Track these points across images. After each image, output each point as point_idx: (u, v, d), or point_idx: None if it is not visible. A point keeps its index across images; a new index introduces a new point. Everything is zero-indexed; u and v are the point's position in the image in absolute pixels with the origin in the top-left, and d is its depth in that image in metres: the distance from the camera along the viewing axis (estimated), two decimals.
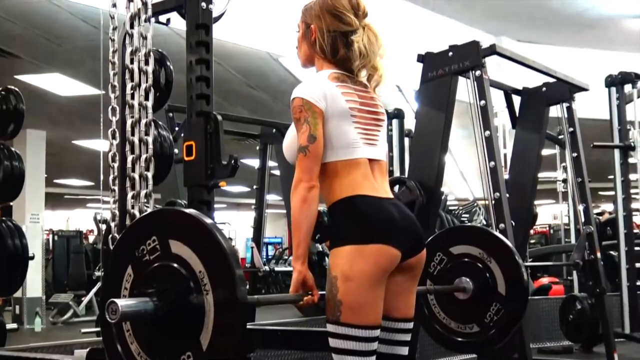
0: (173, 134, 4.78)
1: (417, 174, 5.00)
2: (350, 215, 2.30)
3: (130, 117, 3.41)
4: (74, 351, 3.35)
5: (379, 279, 2.26)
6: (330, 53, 2.46)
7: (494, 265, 3.16)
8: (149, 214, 2.35)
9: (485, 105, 4.78)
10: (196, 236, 2.10)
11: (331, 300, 2.25)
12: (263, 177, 7.55)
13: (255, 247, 7.68)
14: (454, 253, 3.25)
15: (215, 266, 2.06)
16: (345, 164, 2.35)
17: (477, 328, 3.21)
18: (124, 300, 2.10)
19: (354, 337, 2.24)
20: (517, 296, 3.14)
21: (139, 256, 2.19)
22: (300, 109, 2.33)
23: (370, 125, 2.44)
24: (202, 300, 2.06)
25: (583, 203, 5.83)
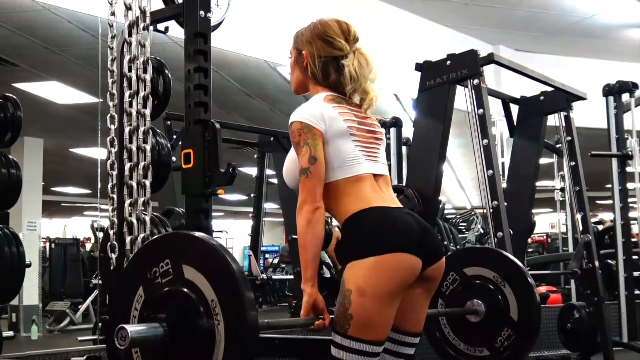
0: (171, 142, 4.80)
1: (415, 183, 5.00)
2: (366, 228, 2.28)
3: (129, 125, 3.41)
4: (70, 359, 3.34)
5: (397, 293, 2.24)
6: (322, 78, 2.49)
7: (507, 290, 3.10)
8: (165, 236, 2.32)
9: (484, 114, 4.79)
10: (211, 264, 2.07)
11: (342, 313, 2.22)
12: (261, 185, 7.57)
13: (252, 256, 7.69)
14: (467, 274, 3.19)
15: (228, 297, 2.02)
16: (351, 181, 2.36)
17: (487, 352, 3.15)
18: (133, 327, 2.07)
19: (359, 351, 2.22)
20: (530, 323, 3.09)
21: (151, 278, 2.16)
22: (300, 132, 2.34)
23: (370, 142, 2.46)
24: (214, 330, 2.03)
25: (581, 212, 5.84)
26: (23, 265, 3.74)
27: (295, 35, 2.59)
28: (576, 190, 5.87)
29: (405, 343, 2.44)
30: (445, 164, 5.15)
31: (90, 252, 15.06)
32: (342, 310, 2.22)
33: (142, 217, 3.36)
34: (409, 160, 6.09)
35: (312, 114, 2.37)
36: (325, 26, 2.50)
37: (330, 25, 2.50)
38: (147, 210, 3.40)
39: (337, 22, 2.51)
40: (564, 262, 8.69)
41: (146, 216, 3.36)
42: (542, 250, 16.45)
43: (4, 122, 3.82)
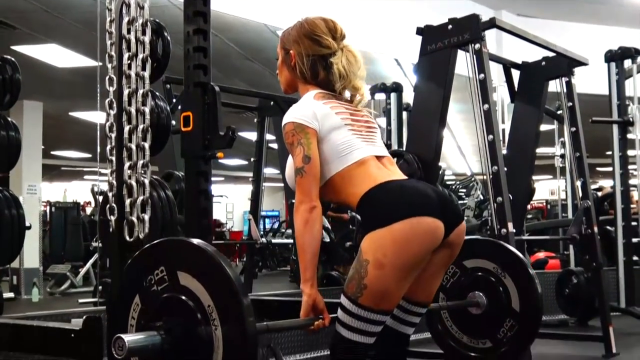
0: (170, 106, 4.78)
1: (415, 148, 4.99)
2: (381, 200, 2.26)
3: (128, 88, 3.39)
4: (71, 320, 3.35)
5: (418, 263, 2.22)
6: (310, 77, 2.49)
7: (508, 281, 3.07)
8: (156, 243, 2.25)
9: (484, 79, 4.76)
10: (205, 269, 2.05)
11: (356, 280, 2.21)
12: (261, 150, 7.55)
13: (252, 220, 7.69)
14: (467, 267, 3.15)
15: (225, 301, 2.00)
16: (355, 166, 2.35)
17: (489, 344, 3.13)
18: (130, 336, 2.06)
19: (366, 318, 2.23)
20: (532, 313, 3.07)
21: (147, 286, 2.14)
22: (293, 132, 2.34)
23: (365, 130, 2.46)
24: (211, 336, 2.01)
25: (581, 178, 5.83)
26: (23, 228, 3.75)
27: (282, 35, 2.58)
28: (576, 156, 5.85)
29: (413, 312, 2.46)
30: (445, 130, 5.14)
31: (90, 215, 15.12)
32: (356, 278, 2.21)
33: (141, 180, 3.35)
34: (409, 125, 6.07)
35: (303, 113, 2.36)
36: (312, 25, 2.49)
37: (316, 23, 2.49)
38: (146, 172, 3.40)
39: (323, 20, 2.51)
40: (563, 227, 8.70)
41: (145, 179, 3.36)
42: (541, 217, 16.49)
43: (2, 84, 3.80)
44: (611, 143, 7.04)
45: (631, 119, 7.02)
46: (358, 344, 2.25)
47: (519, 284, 3.06)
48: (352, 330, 2.25)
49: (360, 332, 2.24)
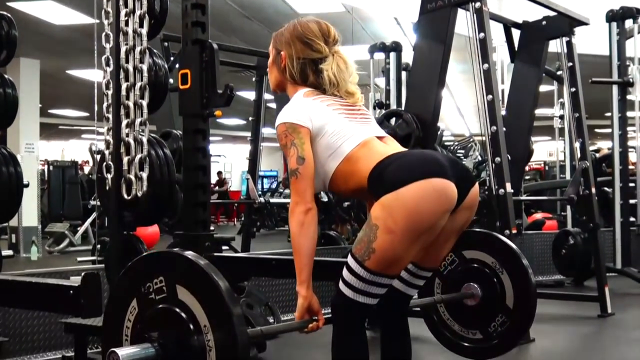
0: (168, 64, 4.75)
1: (414, 107, 4.98)
2: (391, 167, 2.21)
3: (125, 45, 3.37)
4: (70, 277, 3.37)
5: (430, 227, 2.18)
6: (300, 79, 2.46)
7: (505, 277, 3.05)
8: (160, 253, 2.22)
9: (484, 38, 4.73)
10: (203, 288, 2.02)
11: (365, 243, 2.19)
12: (259, 109, 7.53)
13: (250, 180, 7.70)
14: (466, 257, 3.15)
15: (220, 323, 1.98)
16: (359, 148, 2.32)
17: (479, 335, 3.13)
18: (125, 350, 2.04)
19: (371, 281, 2.22)
20: (525, 312, 3.03)
21: (145, 292, 2.12)
22: (285, 134, 2.31)
23: (360, 117, 2.43)
24: (205, 357, 1.99)
25: (580, 139, 5.83)
26: (21, 185, 3.74)
27: (275, 35, 2.55)
28: (575, 117, 5.84)
29: (420, 276, 2.47)
30: (445, 91, 5.12)
31: (88, 174, 15.11)
32: (365, 240, 2.19)
33: (139, 138, 3.35)
34: (408, 85, 6.05)
35: (294, 112, 2.33)
36: (305, 27, 2.45)
37: (309, 26, 2.45)
38: (144, 130, 3.39)
39: (316, 23, 2.46)
40: (561, 188, 8.73)
41: (143, 136, 3.35)
42: (539, 178, 16.49)
43: None
44: (610, 104, 7.02)
45: (631, 79, 6.98)
46: (361, 305, 2.25)
47: (516, 282, 3.03)
48: (356, 291, 2.24)
49: (364, 294, 2.23)
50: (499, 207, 4.60)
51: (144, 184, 3.33)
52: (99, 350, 4.17)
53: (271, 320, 4.78)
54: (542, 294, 6.09)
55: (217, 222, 19.69)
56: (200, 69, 3.39)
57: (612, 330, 5.13)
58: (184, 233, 3.54)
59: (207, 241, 3.49)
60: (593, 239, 5.75)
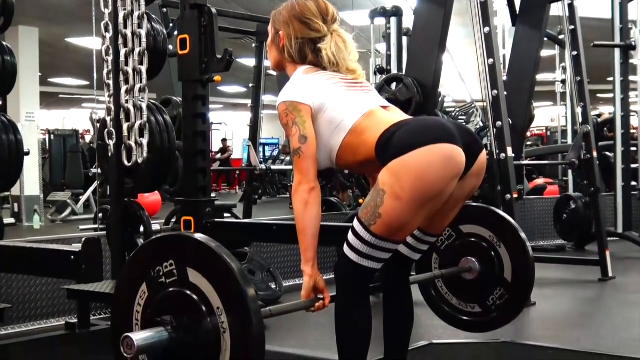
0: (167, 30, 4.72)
1: (415, 72, 4.95)
2: (399, 133, 2.18)
3: (123, 10, 3.35)
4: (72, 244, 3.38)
5: (438, 193, 2.15)
6: (298, 59, 2.42)
7: (502, 251, 3.05)
8: (169, 236, 2.21)
9: (486, 1, 4.70)
10: (216, 271, 2.00)
11: (371, 207, 2.17)
12: (259, 76, 7.51)
13: (251, 147, 7.70)
14: (463, 231, 3.14)
15: (235, 306, 1.97)
16: (363, 120, 2.29)
17: (478, 309, 3.14)
18: (139, 334, 2.02)
19: (376, 246, 2.21)
20: (523, 284, 3.04)
21: (155, 276, 2.10)
22: (286, 112, 2.28)
23: (361, 90, 2.40)
24: (219, 339, 1.98)
25: (581, 103, 5.80)
26: (21, 153, 3.74)
27: (273, 14, 2.51)
28: (577, 80, 5.80)
29: (424, 241, 2.46)
30: (446, 56, 5.08)
31: (89, 143, 15.10)
32: (372, 205, 2.17)
33: (139, 104, 3.34)
34: (409, 50, 6.01)
35: (294, 91, 2.31)
36: (303, 7, 2.41)
37: (307, 5, 2.41)
38: (144, 97, 3.38)
39: (315, 2, 2.42)
40: (562, 154, 8.72)
41: (143, 103, 3.35)
42: (540, 144, 16.48)
43: None
44: (612, 68, 6.99)
45: (633, 43, 6.94)
46: (365, 269, 2.25)
47: (513, 255, 3.04)
48: (360, 255, 2.23)
49: (369, 258, 2.23)
50: (500, 172, 4.60)
51: (144, 150, 3.33)
52: (102, 316, 4.20)
53: (273, 286, 4.80)
54: (544, 258, 6.12)
55: (219, 190, 19.70)
56: (199, 34, 3.37)
57: (612, 293, 5.16)
58: (184, 200, 3.54)
59: (208, 207, 3.49)
60: (594, 204, 5.75)
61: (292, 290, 5.08)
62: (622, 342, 3.75)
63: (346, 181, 8.17)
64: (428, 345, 3.53)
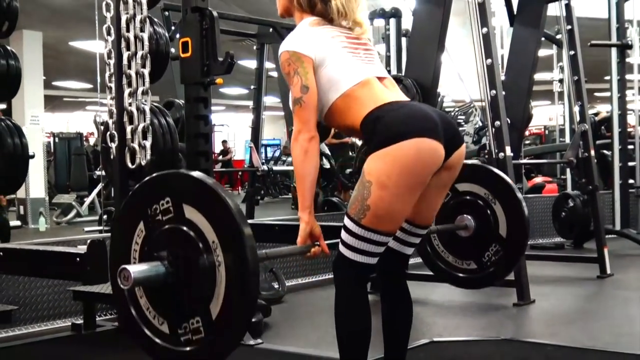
0: (169, 33, 4.73)
1: (414, 73, 4.96)
2: (383, 120, 2.21)
3: (125, 14, 3.35)
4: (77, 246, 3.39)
5: (419, 183, 2.20)
6: (307, 7, 2.41)
7: (497, 207, 3.09)
8: (163, 174, 2.20)
9: (483, 2, 4.69)
10: (211, 206, 2.02)
11: (359, 201, 2.20)
12: (260, 77, 7.50)
13: (253, 148, 7.70)
14: (459, 189, 3.17)
15: (229, 239, 1.98)
16: (359, 87, 2.30)
17: (474, 265, 3.17)
18: (135, 267, 2.05)
19: (370, 240, 2.23)
20: (518, 240, 3.08)
21: (152, 214, 2.12)
22: (289, 62, 2.28)
23: (363, 52, 2.39)
24: (214, 271, 2.00)
25: (579, 101, 5.80)
26: (26, 156, 3.75)
27: None
28: (574, 79, 5.80)
29: (414, 233, 2.47)
30: (445, 56, 5.09)
31: (93, 146, 15.08)
32: (359, 199, 2.20)
33: (142, 107, 3.34)
34: (408, 51, 6.00)
35: (298, 41, 2.31)
36: None
37: None
38: (147, 100, 3.38)
39: None
40: (560, 152, 8.71)
41: (145, 105, 3.35)
42: (539, 142, 16.46)
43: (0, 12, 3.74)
44: (609, 67, 6.99)
45: (630, 42, 6.95)
46: (361, 265, 2.26)
47: (508, 211, 3.07)
48: (354, 251, 2.25)
49: (363, 253, 2.24)
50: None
51: (148, 152, 3.33)
52: (107, 317, 4.21)
53: (276, 286, 4.80)
54: (543, 256, 6.14)
55: None
56: (201, 37, 3.38)
57: (611, 290, 5.15)
58: None
59: None
60: (592, 201, 5.75)
61: (294, 290, 5.09)
62: (621, 338, 3.74)
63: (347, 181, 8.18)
64: (429, 343, 3.53)
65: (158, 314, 2.13)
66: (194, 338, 2.05)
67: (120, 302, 2.17)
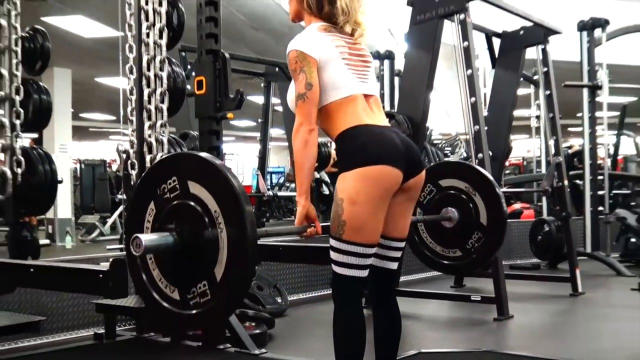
0: (185, 72, 4.75)
1: (405, 110, 4.97)
2: (355, 142, 2.27)
3: (146, 55, 3.38)
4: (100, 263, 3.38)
5: (382, 199, 2.26)
6: (316, 9, 2.43)
7: (478, 199, 3.14)
8: (170, 156, 2.27)
9: (468, 47, 4.73)
10: (213, 180, 2.07)
11: (336, 219, 2.25)
12: (267, 112, 7.54)
13: (260, 175, 7.72)
14: (442, 185, 3.22)
15: (229, 207, 2.03)
16: (345, 101, 2.33)
17: (459, 253, 3.21)
18: (146, 235, 2.09)
19: (353, 252, 2.25)
20: (497, 227, 3.13)
21: (160, 194, 2.16)
22: (296, 60, 2.31)
23: (359, 65, 2.42)
24: (217, 238, 2.04)
25: (554, 136, 5.83)
26: (55, 181, 3.75)
27: None
28: (550, 117, 5.84)
29: (391, 247, 2.47)
30: (433, 93, 5.10)
31: (116, 171, 15.03)
32: (336, 217, 2.25)
33: (160, 138, 3.36)
34: (400, 90, 6.03)
35: (306, 42, 2.33)
36: None
37: None
38: (164, 132, 3.40)
39: None
40: (537, 181, 8.71)
41: (163, 137, 3.36)
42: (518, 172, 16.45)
43: (34, 52, 3.76)
44: (582, 105, 7.03)
45: (600, 83, 6.99)
46: (352, 279, 2.28)
47: (488, 201, 3.13)
48: (343, 266, 2.27)
49: (351, 267, 2.27)
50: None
51: None
52: (126, 327, 4.19)
53: (279, 300, 4.79)
54: (520, 275, 6.11)
55: None
56: (214, 76, 3.40)
57: (582, 307, 5.13)
58: None
59: None
60: (565, 227, 5.75)
61: (296, 304, 5.07)
62: (592, 352, 3.72)
63: None
64: (417, 354, 3.50)
65: (169, 283, 2.17)
66: (202, 301, 2.09)
67: (136, 274, 2.22)
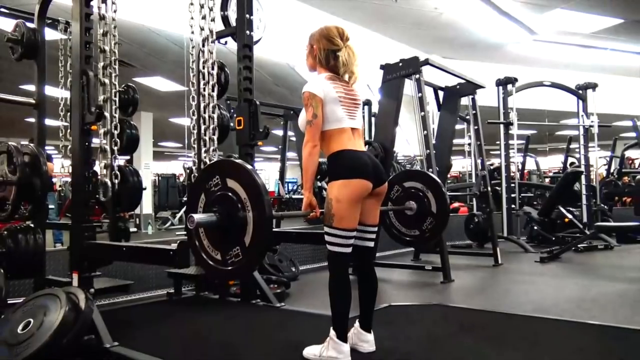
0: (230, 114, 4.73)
1: (379, 139, 4.97)
2: (340, 162, 2.30)
3: (203, 102, 3.38)
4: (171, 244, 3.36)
5: (357, 200, 2.29)
6: (325, 63, 2.44)
7: (430, 195, 3.18)
8: (214, 162, 2.30)
9: (422, 97, 4.73)
10: (243, 177, 2.09)
11: (327, 213, 2.29)
12: (285, 141, 7.52)
13: (280, 184, 7.69)
14: (406, 186, 3.25)
15: (254, 195, 2.05)
16: (337, 131, 2.34)
17: (417, 232, 3.23)
18: (198, 215, 2.12)
19: (340, 235, 2.29)
20: (443, 214, 3.16)
21: (208, 188, 2.18)
22: (308, 97, 2.32)
23: (351, 106, 2.42)
24: (246, 216, 2.06)
25: (480, 157, 5.83)
26: (141, 188, 3.73)
27: (310, 35, 2.51)
28: (477, 144, 5.84)
29: (368, 231, 2.47)
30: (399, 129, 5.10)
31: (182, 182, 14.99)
32: (327, 212, 2.30)
33: (212, 159, 3.34)
34: (375, 125, 6.03)
35: (315, 86, 2.34)
36: (328, 29, 2.43)
37: (331, 29, 2.43)
38: (215, 155, 3.39)
39: (335, 27, 2.44)
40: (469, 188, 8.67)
41: (214, 158, 3.35)
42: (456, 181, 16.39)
43: (128, 101, 3.76)
44: (499, 136, 7.02)
45: (511, 121, 6.99)
46: (341, 254, 2.31)
47: (437, 197, 3.17)
48: (334, 245, 2.30)
49: (339, 245, 2.30)
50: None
51: None
52: (189, 288, 4.16)
53: (293, 269, 4.76)
54: (458, 252, 6.08)
55: None
56: (249, 117, 3.40)
57: (502, 274, 5.09)
58: None
59: None
60: (489, 218, 5.73)
61: (305, 272, 5.04)
62: (511, 304, 3.69)
63: None
64: (388, 306, 3.48)
65: (214, 248, 2.19)
66: (236, 260, 2.11)
67: (193, 242, 2.24)
